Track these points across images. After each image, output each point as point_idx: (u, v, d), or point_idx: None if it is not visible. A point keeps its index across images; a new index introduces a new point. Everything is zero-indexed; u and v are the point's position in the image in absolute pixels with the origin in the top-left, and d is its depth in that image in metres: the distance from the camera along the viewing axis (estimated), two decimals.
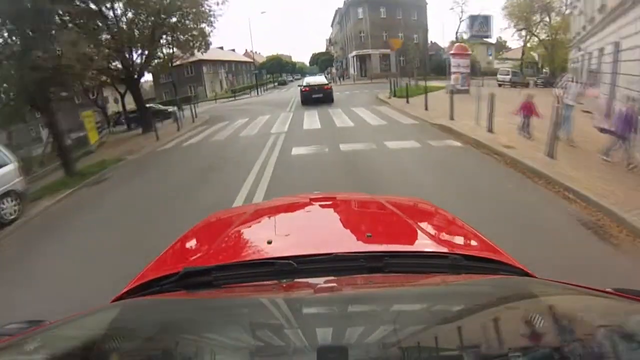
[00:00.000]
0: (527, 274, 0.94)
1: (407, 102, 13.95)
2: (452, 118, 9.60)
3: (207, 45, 29.42)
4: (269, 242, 1.04)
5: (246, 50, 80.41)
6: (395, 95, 16.63)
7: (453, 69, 18.51)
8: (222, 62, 48.94)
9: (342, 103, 16.75)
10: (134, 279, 1.01)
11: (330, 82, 19.72)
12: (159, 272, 0.96)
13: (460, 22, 39.39)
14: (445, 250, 0.99)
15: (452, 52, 19.06)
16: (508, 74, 28.90)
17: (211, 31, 30.99)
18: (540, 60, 39.23)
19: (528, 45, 38.99)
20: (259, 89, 37.60)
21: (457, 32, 39.86)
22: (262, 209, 1.58)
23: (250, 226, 1.35)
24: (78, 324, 0.72)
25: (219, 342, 0.61)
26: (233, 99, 31.18)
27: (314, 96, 16.90)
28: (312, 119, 12.25)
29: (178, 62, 30.55)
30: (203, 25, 28.51)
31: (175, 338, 0.62)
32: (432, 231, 1.22)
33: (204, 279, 0.86)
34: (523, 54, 40.53)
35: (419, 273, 0.89)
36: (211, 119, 17.37)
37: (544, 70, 38.01)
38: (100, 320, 0.73)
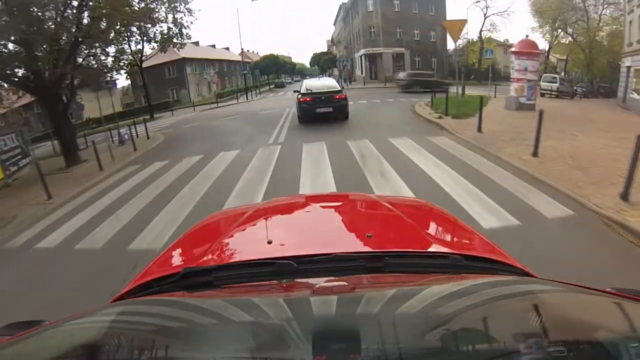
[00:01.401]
0: (527, 274, 0.93)
1: (480, 130, 8.24)
2: (624, 199, 4.04)
3: (182, 39, 24.03)
4: (269, 242, 1.03)
5: (242, 49, 74.88)
6: (447, 113, 10.74)
7: (516, 74, 12.94)
8: (211, 62, 43.17)
9: (365, 124, 10.56)
10: (134, 279, 0.99)
11: (342, 87, 13.09)
12: (159, 273, 0.96)
13: (485, 18, 33.94)
14: (445, 250, 0.98)
15: (514, 49, 13.45)
16: (554, 81, 23.24)
17: (191, 22, 25.70)
18: (565, 65, 33.65)
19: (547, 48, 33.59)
20: (250, 93, 31.89)
21: (481, 30, 34.41)
22: (262, 209, 1.52)
23: (250, 226, 1.31)
24: (78, 324, 0.71)
25: (219, 343, 0.59)
26: (216, 105, 25.47)
27: (319, 111, 10.47)
28: (320, 180, 5.62)
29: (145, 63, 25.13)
30: (180, 15, 23.10)
31: (175, 338, 0.61)
32: (432, 231, 1.22)
33: (204, 279, 0.85)
34: (547, 57, 34.99)
35: (419, 273, 0.87)
36: (162, 145, 11.68)
37: (565, 75, 32.58)
38: (100, 320, 0.72)
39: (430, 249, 0.98)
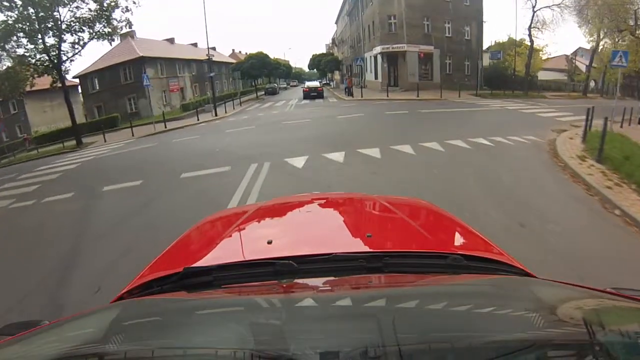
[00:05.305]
0: (527, 274, 0.92)
1: None
2: None
3: (111, 23, 15.72)
4: (269, 242, 1.02)
5: (233, 50, 66.31)
6: None
7: None
8: (187, 62, 34.70)
9: None
10: (134, 279, 0.97)
11: (322, 85, 32.30)
12: (159, 272, 0.95)
13: (534, 13, 25.70)
14: (445, 250, 0.97)
15: None
16: None
17: (134, 2, 17.30)
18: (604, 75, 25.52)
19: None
20: (226, 104, 23.44)
21: (530, 27, 26.18)
22: (262, 209, 1.52)
23: (250, 226, 1.30)
24: (78, 324, 0.71)
25: (220, 343, 0.59)
26: (164, 127, 17.01)
27: (311, 94, 25.73)
28: None
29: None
30: None
31: (176, 338, 0.60)
32: (432, 231, 1.21)
33: (204, 279, 0.84)
34: (591, 64, 26.84)
35: (418, 273, 0.88)
36: None
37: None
38: (100, 320, 0.71)
39: (430, 249, 0.98)
